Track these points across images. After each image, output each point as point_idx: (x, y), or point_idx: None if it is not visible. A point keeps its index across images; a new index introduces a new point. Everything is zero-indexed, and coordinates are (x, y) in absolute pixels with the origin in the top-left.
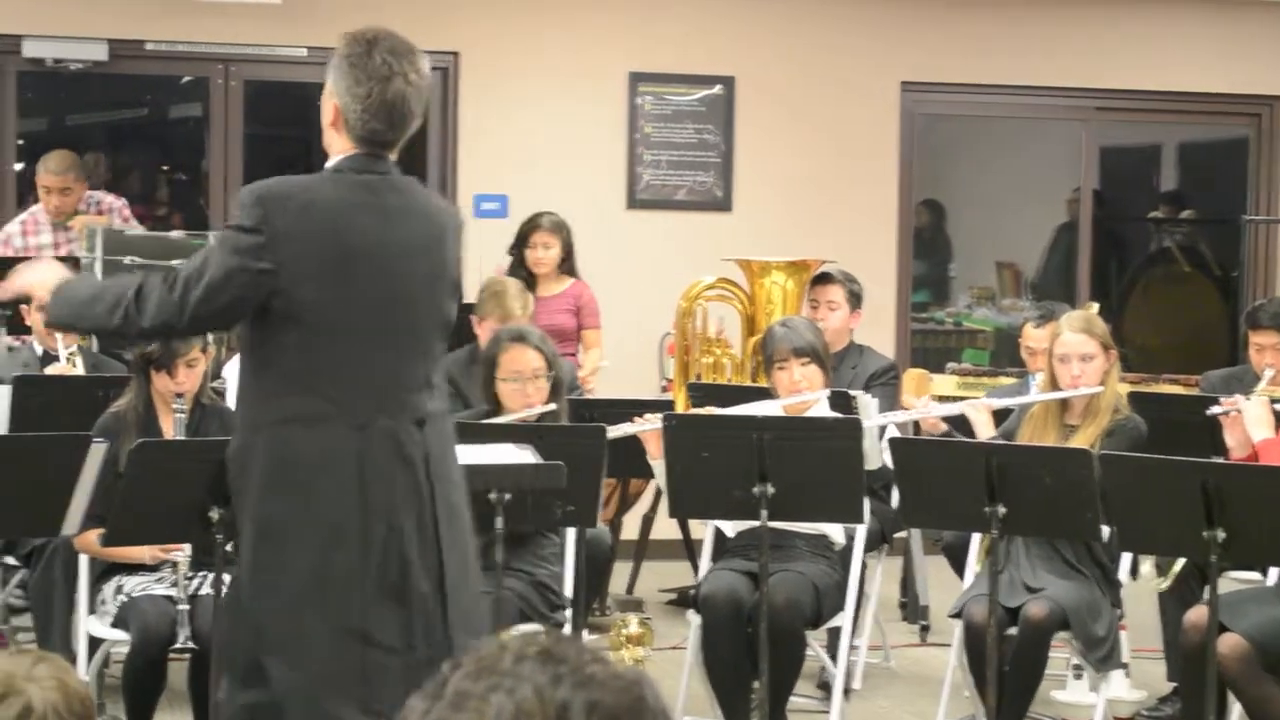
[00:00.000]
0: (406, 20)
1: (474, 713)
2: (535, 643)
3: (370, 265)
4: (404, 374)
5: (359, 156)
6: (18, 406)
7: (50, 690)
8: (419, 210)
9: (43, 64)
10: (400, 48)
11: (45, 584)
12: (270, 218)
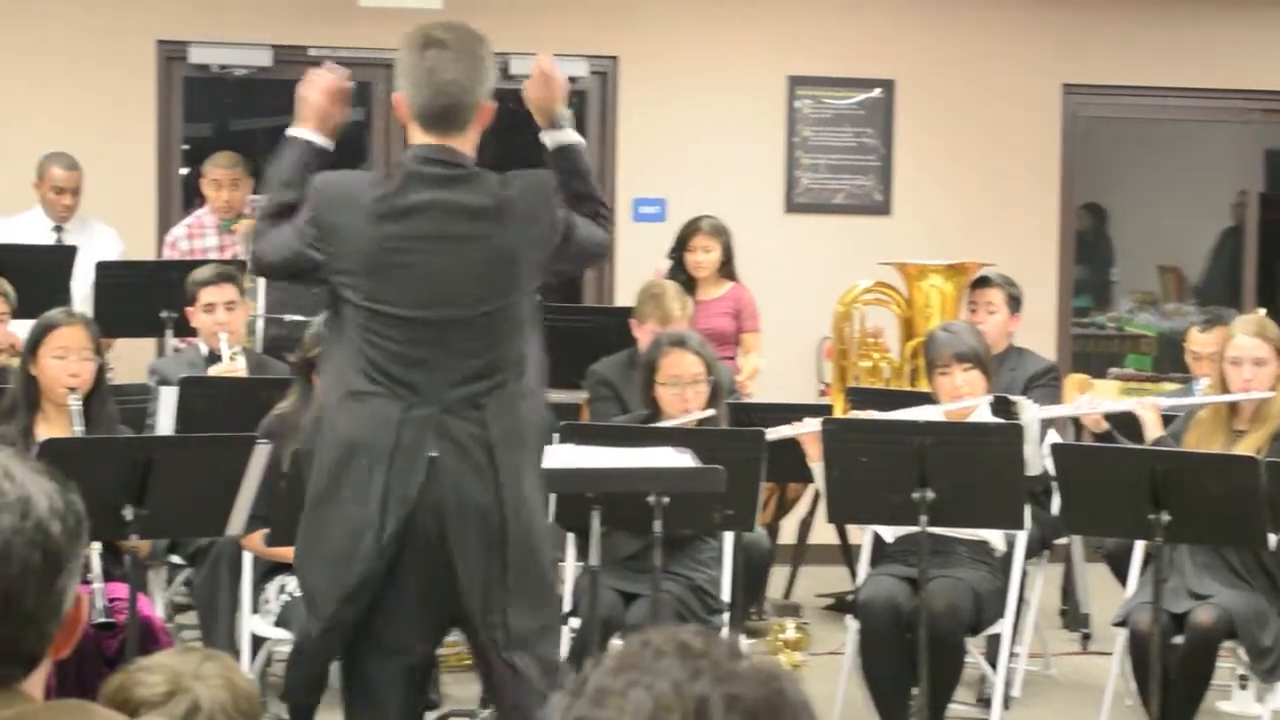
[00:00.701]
0: (565, 25)
1: (614, 709)
2: (674, 638)
3: (407, 258)
4: (454, 359)
5: (422, 146)
6: (184, 407)
7: (217, 689)
8: (474, 197)
9: (208, 70)
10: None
11: (210, 584)
12: (320, 212)
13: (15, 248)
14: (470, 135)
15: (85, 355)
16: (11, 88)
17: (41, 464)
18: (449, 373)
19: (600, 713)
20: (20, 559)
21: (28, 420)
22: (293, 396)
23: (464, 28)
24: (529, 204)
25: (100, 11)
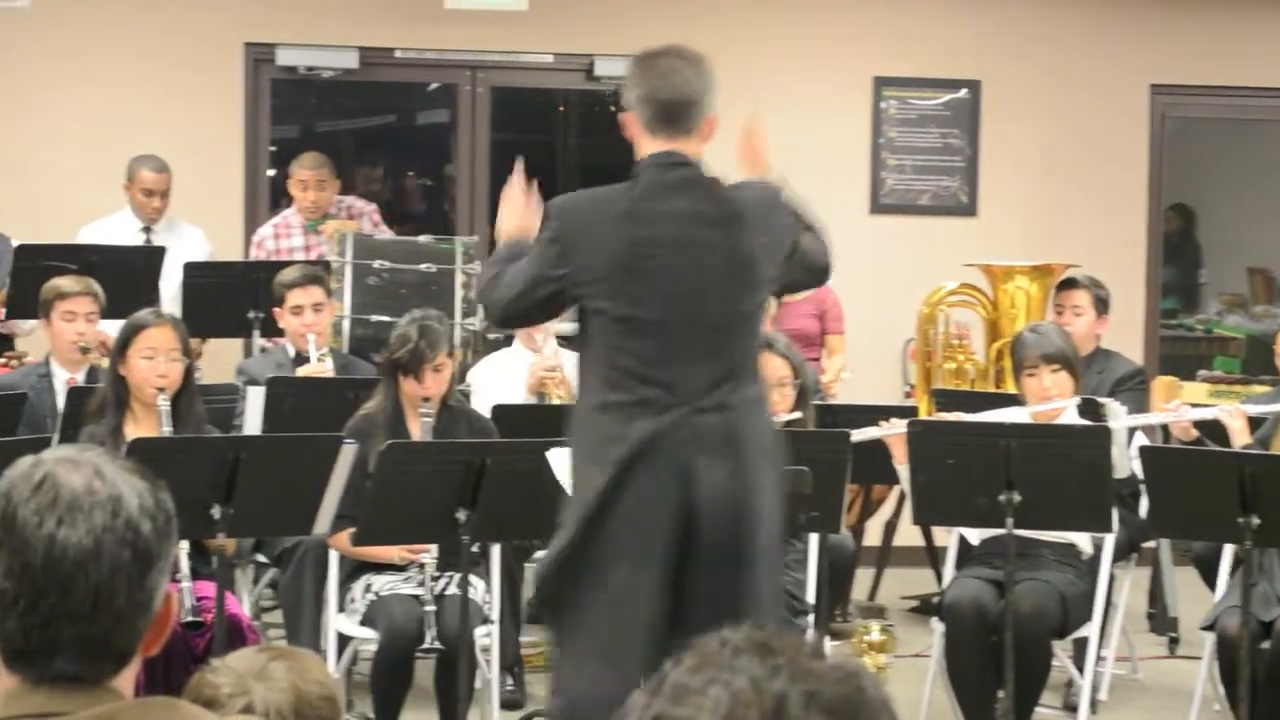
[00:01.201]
0: (651, 26)
1: (692, 706)
2: (752, 636)
3: (656, 265)
4: (700, 366)
5: (652, 157)
6: (271, 407)
7: (279, 692)
8: (708, 205)
9: (295, 72)
10: (675, 47)
11: (295, 583)
12: (562, 230)
13: (105, 249)
14: (696, 142)
15: (173, 355)
16: (102, 90)
17: (132, 462)
18: (697, 376)
19: (678, 710)
20: (111, 557)
21: (117, 420)
22: (378, 396)
23: (685, 45)
24: (761, 210)
25: (189, 14)
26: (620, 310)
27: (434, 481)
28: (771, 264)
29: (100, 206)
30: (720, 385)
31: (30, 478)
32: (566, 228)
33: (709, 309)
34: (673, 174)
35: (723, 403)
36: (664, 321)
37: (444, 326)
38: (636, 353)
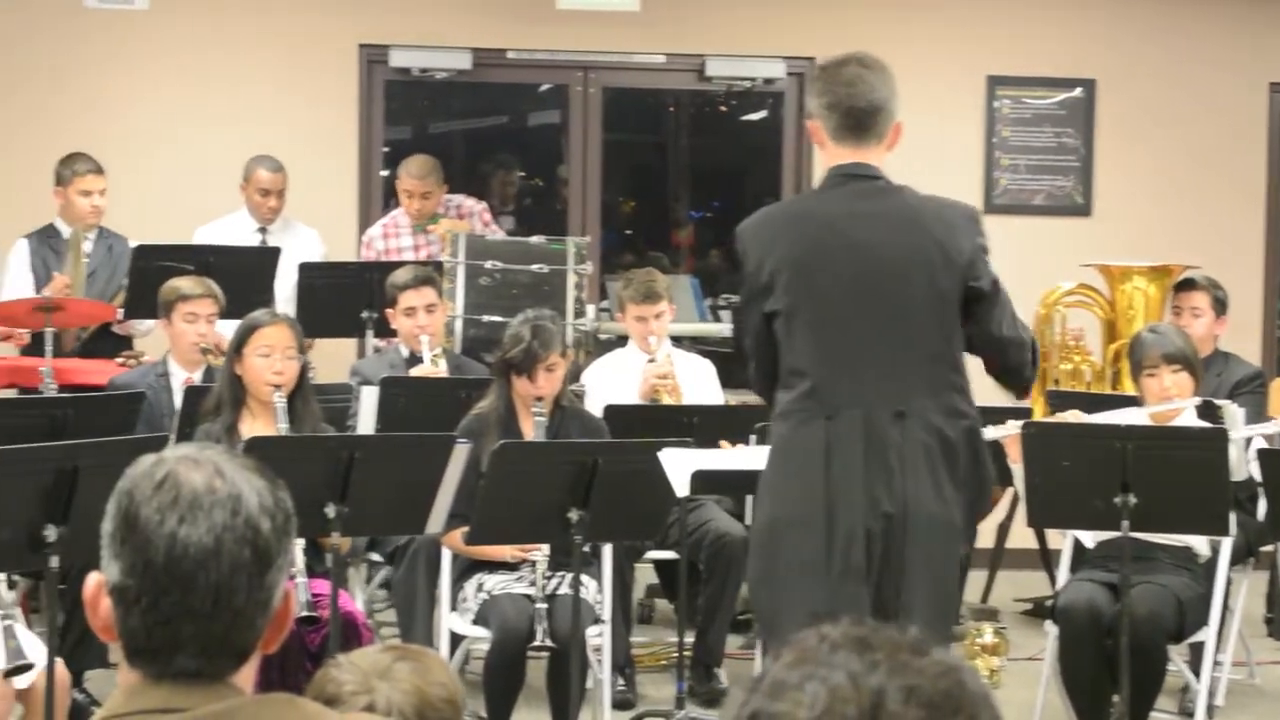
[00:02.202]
0: (762, 26)
1: (790, 702)
2: (851, 632)
3: (836, 265)
4: (882, 368)
5: (839, 168)
6: (384, 407)
7: (402, 693)
8: (899, 212)
9: (408, 73)
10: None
11: (408, 582)
12: (745, 243)
13: (221, 249)
14: (882, 150)
15: (289, 354)
16: (217, 92)
17: (252, 461)
18: (881, 381)
19: (776, 706)
20: (231, 555)
21: (232, 418)
22: (491, 396)
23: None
24: (946, 221)
25: (304, 16)
26: (802, 314)
27: (546, 481)
28: (954, 274)
29: (217, 207)
30: (903, 391)
31: (152, 476)
32: (751, 240)
33: (891, 311)
34: (860, 184)
35: (897, 406)
36: (846, 326)
37: (557, 326)
38: (818, 357)
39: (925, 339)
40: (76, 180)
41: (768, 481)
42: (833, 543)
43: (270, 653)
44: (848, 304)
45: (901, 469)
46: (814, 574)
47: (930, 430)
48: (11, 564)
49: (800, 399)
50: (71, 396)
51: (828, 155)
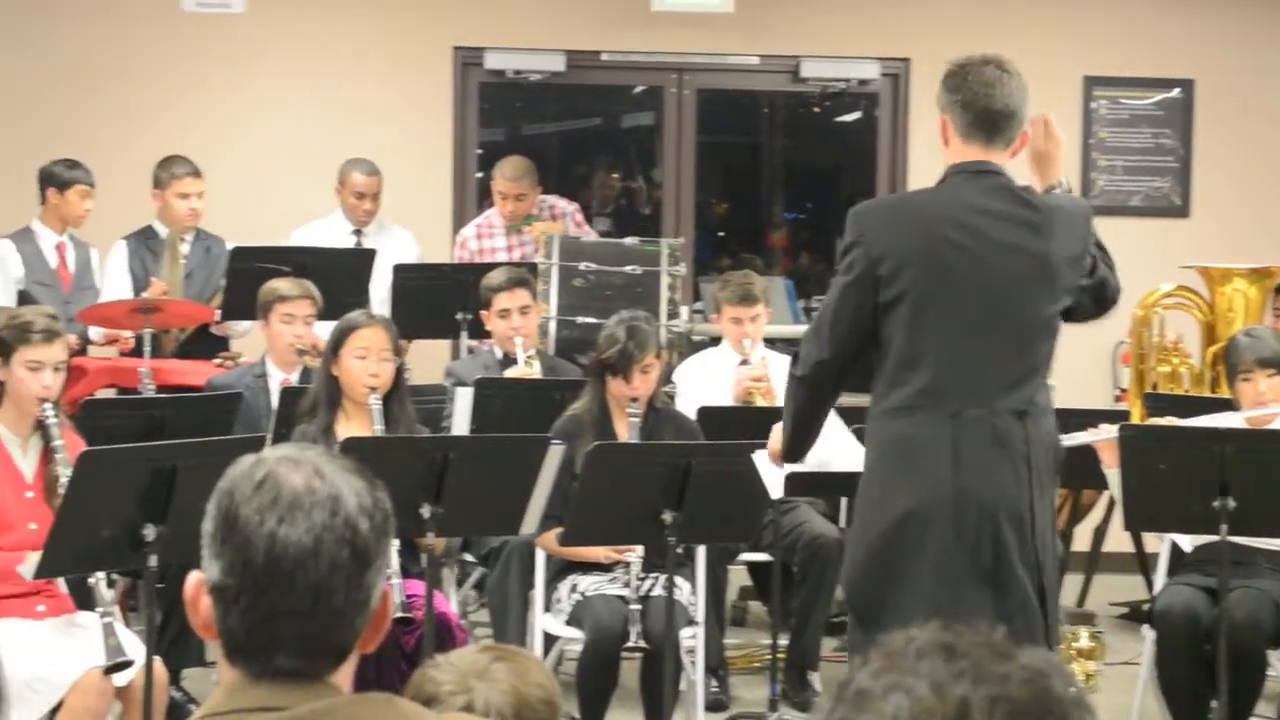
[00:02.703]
0: (857, 27)
1: (874, 713)
2: (938, 637)
3: (963, 259)
4: (1001, 366)
5: (962, 164)
6: (478, 408)
7: (499, 693)
8: (1027, 214)
9: (503, 75)
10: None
11: (502, 583)
12: (864, 227)
13: (317, 251)
14: (1007, 155)
15: (385, 356)
16: (313, 95)
17: (351, 462)
18: (996, 377)
19: (860, 716)
20: (330, 555)
21: (329, 419)
22: (585, 397)
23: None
24: (1069, 222)
25: (399, 19)
26: (929, 308)
27: (640, 482)
28: (1072, 274)
29: (313, 209)
30: (1017, 388)
31: (252, 476)
32: (867, 226)
33: (1012, 311)
34: (983, 180)
35: (1017, 406)
36: (965, 321)
37: (651, 327)
38: (944, 353)
39: (1040, 344)
40: (174, 183)
41: (884, 480)
42: (960, 543)
43: (367, 653)
44: (977, 303)
45: (1028, 470)
46: (940, 575)
47: (1048, 432)
48: (111, 563)
49: (919, 394)
50: (169, 397)
51: (951, 152)
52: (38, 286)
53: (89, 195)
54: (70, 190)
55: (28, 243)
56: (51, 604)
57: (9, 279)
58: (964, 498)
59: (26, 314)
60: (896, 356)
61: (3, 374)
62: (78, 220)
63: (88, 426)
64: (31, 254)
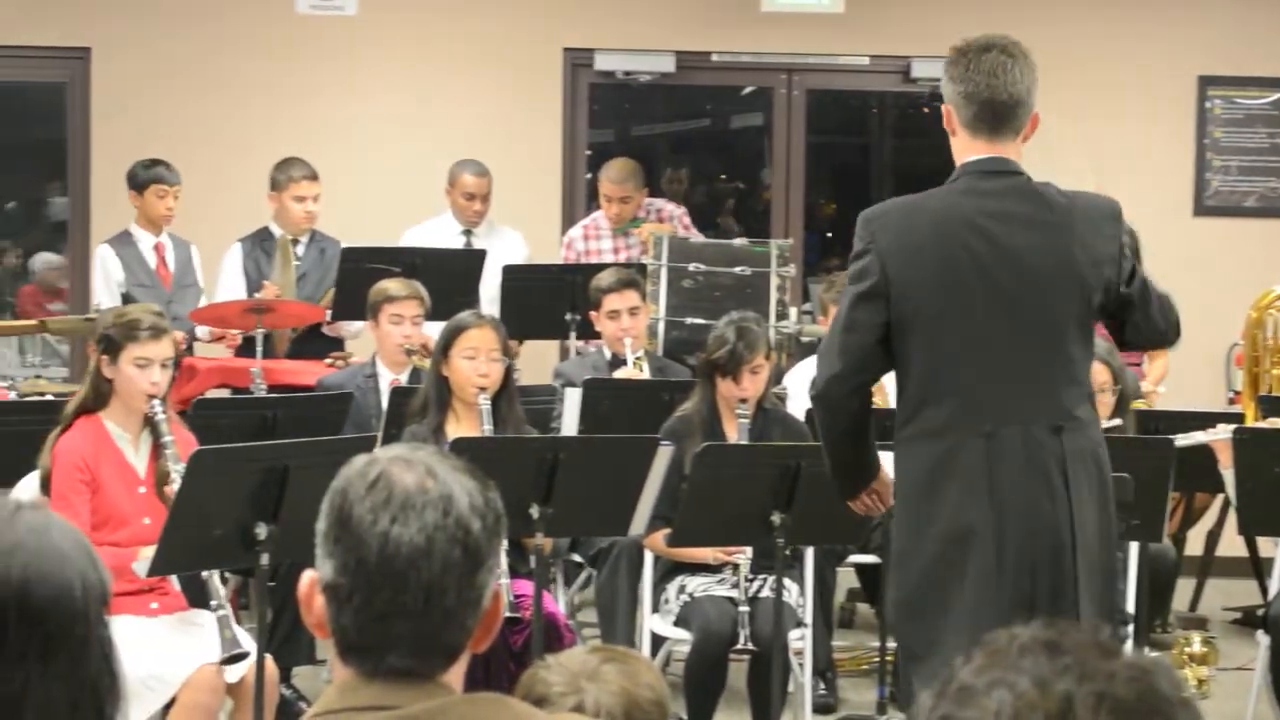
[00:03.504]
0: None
1: (977, 709)
2: (1042, 635)
3: (981, 268)
4: (1033, 379)
5: (973, 162)
6: (587, 409)
7: (610, 694)
8: (1046, 215)
9: (612, 76)
10: (1001, 40)
11: (610, 583)
12: (875, 233)
13: (427, 252)
14: (1018, 144)
15: (494, 356)
16: (424, 96)
17: (463, 462)
18: (1030, 392)
19: (963, 713)
20: (442, 555)
21: (439, 419)
22: (695, 398)
23: (1012, 38)
24: (1091, 220)
25: (510, 21)
26: (939, 321)
27: (749, 484)
28: (1100, 275)
29: (423, 210)
30: (1052, 401)
31: (365, 476)
32: (879, 234)
33: (1038, 319)
34: (997, 180)
35: (1054, 421)
36: (989, 334)
37: (761, 329)
38: (971, 370)
39: (1071, 351)
40: (291, 186)
41: (918, 509)
42: (1002, 570)
43: (478, 652)
44: (1000, 314)
45: (1065, 487)
46: (981, 604)
47: (1088, 443)
48: (223, 561)
49: (951, 414)
50: (281, 397)
51: (959, 144)
52: (138, 288)
53: (167, 194)
54: (148, 190)
55: (127, 246)
56: (164, 601)
57: (111, 283)
58: (1003, 523)
59: (133, 312)
60: (919, 374)
61: (111, 372)
62: (161, 220)
63: (200, 426)
64: (131, 257)
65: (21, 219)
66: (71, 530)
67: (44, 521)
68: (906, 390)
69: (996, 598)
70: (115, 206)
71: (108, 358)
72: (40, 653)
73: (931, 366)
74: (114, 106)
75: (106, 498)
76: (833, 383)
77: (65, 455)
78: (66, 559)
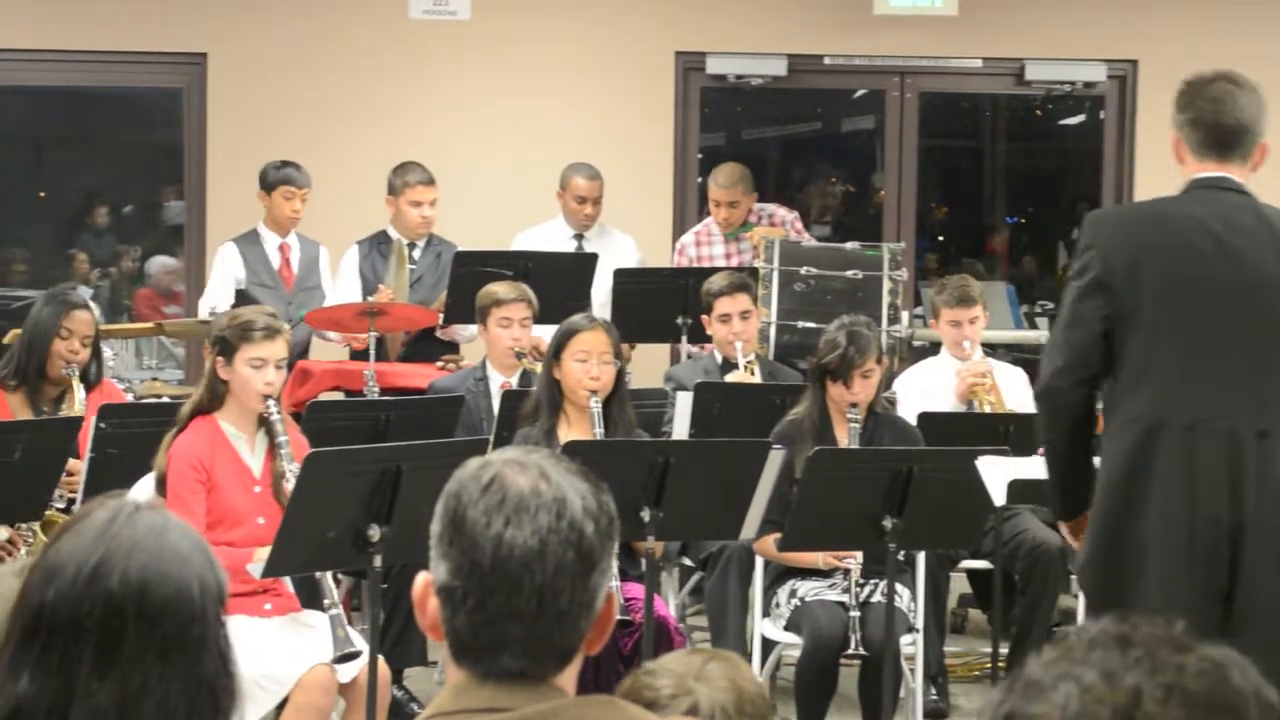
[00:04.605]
0: (1082, 29)
1: (1044, 703)
2: (1112, 629)
3: (1205, 270)
4: (1245, 383)
5: (1201, 178)
6: (698, 412)
7: (720, 691)
8: (1269, 229)
9: (724, 80)
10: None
11: (721, 586)
12: (1100, 231)
13: (539, 255)
14: (1246, 170)
15: (606, 359)
16: (536, 99)
17: (577, 465)
18: (1239, 396)
19: (1030, 708)
20: (555, 558)
21: (551, 422)
22: (805, 402)
23: (1238, 71)
24: None
25: (622, 24)
26: (1156, 318)
27: (860, 488)
28: None
29: (535, 214)
30: (1263, 408)
31: (479, 479)
32: (1104, 231)
33: (1258, 327)
34: (1228, 196)
35: (1262, 426)
36: (1205, 334)
37: (872, 332)
38: (1184, 365)
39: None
40: (407, 191)
41: (1114, 497)
42: (1193, 563)
43: (591, 655)
44: (1220, 315)
45: (1261, 488)
46: (1172, 594)
47: None
48: (337, 562)
49: (1154, 404)
50: (393, 399)
51: (1186, 171)
52: (258, 288)
53: (294, 196)
54: (276, 191)
55: (252, 245)
56: (278, 602)
57: (229, 280)
58: (1197, 519)
59: (247, 313)
60: (1130, 366)
61: (226, 373)
62: (287, 221)
63: (314, 428)
64: (254, 256)
65: (138, 223)
66: (190, 531)
67: (163, 523)
68: (1118, 383)
69: (1184, 598)
70: (231, 210)
71: (223, 359)
72: (159, 652)
73: (1144, 360)
74: (230, 111)
75: (221, 497)
76: (1056, 376)
77: (181, 455)
78: (185, 560)
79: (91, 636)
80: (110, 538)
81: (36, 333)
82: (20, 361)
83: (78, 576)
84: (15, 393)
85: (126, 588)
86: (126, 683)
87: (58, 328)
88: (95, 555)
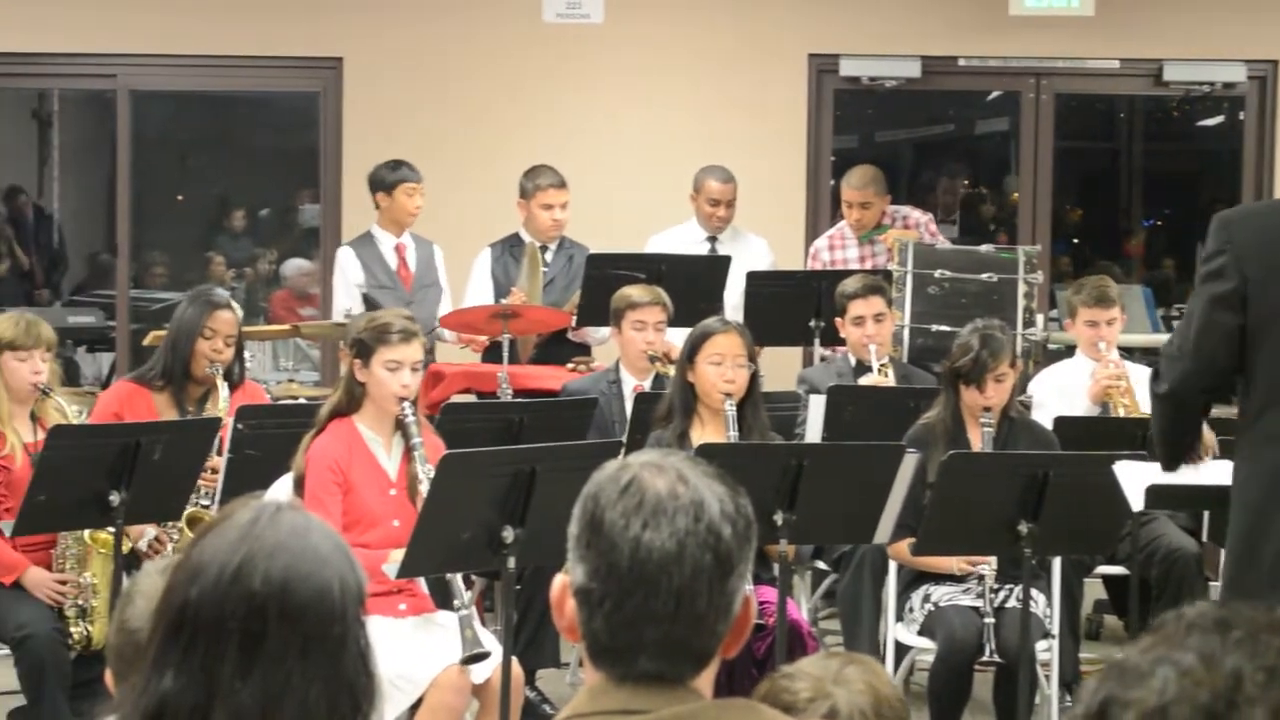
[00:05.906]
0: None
1: (1142, 688)
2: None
3: None
4: None
5: None
6: (831, 415)
7: (858, 694)
8: None
9: (858, 82)
10: None
11: (854, 590)
12: (1232, 234)
13: (672, 258)
14: None
15: (740, 362)
16: (669, 101)
17: (714, 468)
18: None
19: (1128, 693)
20: (693, 560)
21: (684, 425)
22: (939, 406)
23: None
24: None
25: (755, 27)
26: None
27: (995, 492)
28: None
29: (668, 216)
30: None
31: (617, 481)
32: (1237, 234)
33: None
34: None
35: None
36: None
37: (1006, 336)
38: None
39: None
40: (539, 194)
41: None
42: None
43: (728, 658)
44: None
45: None
46: None
47: None
48: (471, 564)
49: None
50: (527, 401)
51: None
52: (378, 290)
53: (416, 192)
54: (397, 190)
55: (367, 247)
56: (412, 603)
57: (349, 285)
58: None
59: (384, 316)
60: (1268, 377)
61: (363, 375)
62: (409, 219)
63: (448, 430)
64: (371, 258)
65: (274, 226)
66: (331, 532)
67: (305, 523)
68: (1252, 394)
69: None
70: (366, 213)
71: (360, 361)
72: (300, 652)
73: None
74: (365, 115)
75: (358, 499)
76: (1185, 381)
77: (319, 457)
78: (326, 560)
79: (234, 636)
80: (253, 538)
81: (181, 333)
82: (166, 362)
83: (221, 576)
84: (162, 393)
85: (269, 588)
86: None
87: (201, 327)
88: (238, 555)
